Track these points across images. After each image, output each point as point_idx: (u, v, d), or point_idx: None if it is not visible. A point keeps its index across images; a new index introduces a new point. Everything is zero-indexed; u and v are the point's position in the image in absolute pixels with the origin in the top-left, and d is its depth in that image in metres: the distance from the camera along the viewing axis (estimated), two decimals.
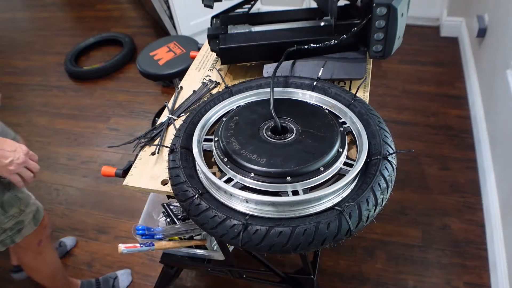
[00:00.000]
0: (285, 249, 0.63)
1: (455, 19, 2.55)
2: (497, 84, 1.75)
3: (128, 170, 0.91)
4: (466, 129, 2.01)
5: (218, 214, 0.66)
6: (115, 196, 1.93)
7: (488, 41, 2.00)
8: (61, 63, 2.89)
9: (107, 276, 1.58)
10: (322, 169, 0.71)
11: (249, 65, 1.17)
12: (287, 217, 0.66)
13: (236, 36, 1.08)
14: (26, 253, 1.23)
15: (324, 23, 1.11)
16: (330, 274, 1.53)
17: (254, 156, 0.72)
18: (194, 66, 1.21)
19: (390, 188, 0.71)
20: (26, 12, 3.82)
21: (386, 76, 2.39)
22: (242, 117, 0.83)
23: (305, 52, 1.01)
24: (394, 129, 2.05)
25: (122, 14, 3.48)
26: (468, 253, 1.54)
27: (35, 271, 1.32)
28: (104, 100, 2.55)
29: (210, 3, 1.06)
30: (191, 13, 2.57)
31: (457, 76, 2.32)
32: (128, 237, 1.76)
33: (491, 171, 1.67)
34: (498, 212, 1.53)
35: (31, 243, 1.20)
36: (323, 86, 0.92)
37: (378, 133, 0.79)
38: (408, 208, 1.71)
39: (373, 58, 1.03)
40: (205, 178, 0.74)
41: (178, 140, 0.82)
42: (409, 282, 1.48)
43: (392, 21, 0.91)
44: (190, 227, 1.07)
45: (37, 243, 1.22)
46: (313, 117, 0.82)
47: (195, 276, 1.59)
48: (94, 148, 2.22)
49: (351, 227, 0.64)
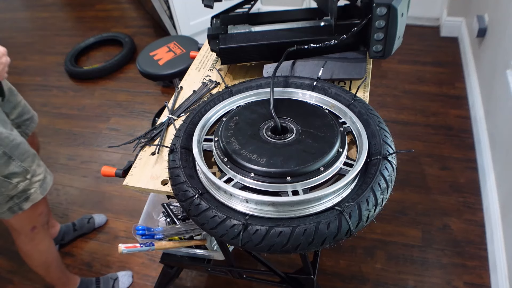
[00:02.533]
0: (285, 249, 0.63)
1: (455, 19, 2.55)
2: (497, 84, 1.75)
3: (128, 170, 0.91)
4: (466, 129, 2.01)
5: (218, 214, 0.66)
6: (115, 196, 1.93)
7: (488, 41, 2.00)
8: (61, 63, 2.89)
9: (107, 276, 1.58)
10: (322, 169, 0.71)
11: (249, 65, 1.17)
12: (287, 217, 0.66)
13: (236, 36, 1.08)
14: (19, 236, 1.25)
15: (324, 23, 1.11)
16: (330, 274, 1.53)
17: (254, 156, 0.72)
18: (194, 66, 1.21)
19: (390, 188, 0.71)
20: (26, 12, 3.82)
21: (386, 76, 2.39)
22: (242, 117, 0.83)
23: (305, 52, 1.01)
24: (394, 129, 2.05)
25: (122, 14, 3.48)
26: (468, 253, 1.54)
27: (27, 256, 1.33)
28: (104, 100, 2.55)
29: (210, 3, 1.06)
30: (191, 13, 2.57)
31: (457, 76, 2.32)
32: (128, 237, 1.76)
33: (491, 171, 1.67)
34: (498, 212, 1.53)
35: (24, 227, 1.23)
36: (323, 86, 0.92)
37: (378, 133, 0.79)
38: (408, 208, 1.71)
39: (373, 58, 1.03)
40: (205, 178, 0.74)
41: (178, 140, 0.82)
42: (409, 282, 1.48)
43: (392, 21, 0.91)
44: (190, 227, 1.07)
45: (31, 229, 1.24)
46: (313, 117, 0.82)
47: (195, 276, 1.59)
48: (94, 148, 2.22)
49: (351, 227, 0.64)
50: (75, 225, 1.76)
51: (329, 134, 0.77)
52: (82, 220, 1.79)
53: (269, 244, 0.63)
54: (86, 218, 1.79)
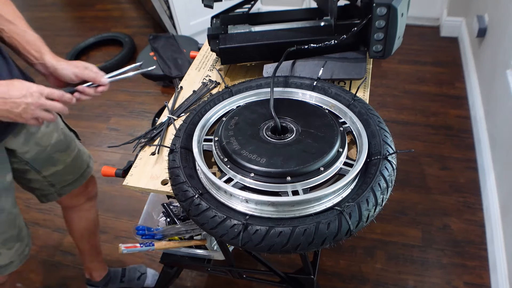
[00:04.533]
0: (285, 249, 0.63)
1: (455, 19, 2.55)
2: (497, 84, 1.75)
3: (128, 170, 0.91)
4: (466, 129, 2.01)
5: (218, 214, 0.66)
6: (115, 196, 1.93)
7: (488, 41, 2.00)
8: None
9: (134, 267, 1.57)
10: (322, 169, 0.71)
11: (249, 65, 1.17)
12: (287, 217, 0.66)
13: (236, 36, 1.08)
14: None
15: (324, 23, 1.11)
16: (330, 274, 1.53)
17: (254, 156, 0.72)
18: (194, 66, 1.21)
19: (390, 188, 0.71)
20: (26, 12, 3.80)
21: (386, 76, 2.39)
22: (242, 117, 0.83)
23: (305, 52, 1.01)
24: (394, 129, 2.05)
25: (122, 14, 3.48)
26: (468, 253, 1.54)
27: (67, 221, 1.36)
28: (104, 100, 2.55)
29: (210, 3, 1.06)
30: (191, 13, 2.57)
31: (457, 76, 2.32)
32: (128, 237, 1.76)
33: (491, 171, 1.67)
34: (498, 212, 1.53)
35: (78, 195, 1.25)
36: (323, 86, 0.92)
37: (378, 133, 0.79)
38: (408, 208, 1.71)
39: (373, 58, 1.03)
40: (205, 178, 0.74)
41: (178, 140, 0.82)
42: (409, 282, 1.48)
43: (392, 21, 0.91)
44: (190, 227, 1.07)
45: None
46: (313, 117, 0.82)
47: (195, 276, 1.59)
48: (94, 148, 2.22)
49: (351, 227, 0.64)
50: (124, 276, 1.57)
51: (329, 134, 0.77)
52: (133, 273, 1.58)
53: (269, 244, 0.63)
54: (138, 271, 1.58)
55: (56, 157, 1.09)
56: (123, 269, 1.57)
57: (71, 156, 1.14)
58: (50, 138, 1.06)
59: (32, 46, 0.89)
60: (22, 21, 0.91)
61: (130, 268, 1.58)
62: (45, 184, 1.12)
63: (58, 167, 1.11)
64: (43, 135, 1.04)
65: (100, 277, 1.50)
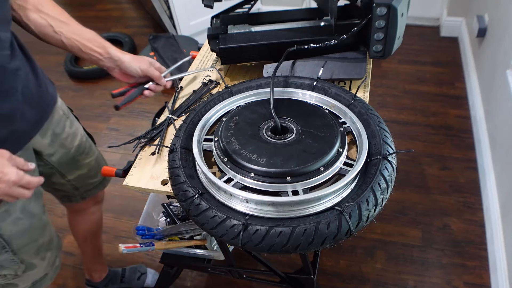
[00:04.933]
0: (285, 249, 0.63)
1: (455, 19, 2.55)
2: (497, 84, 1.75)
3: (128, 170, 0.91)
4: (466, 129, 2.01)
5: (218, 214, 0.66)
6: (115, 196, 1.93)
7: (488, 41, 2.00)
8: (61, 63, 2.88)
9: (135, 267, 1.57)
10: (322, 169, 0.71)
11: (249, 65, 1.17)
12: (287, 217, 0.66)
13: (236, 36, 1.08)
14: None
15: (324, 23, 1.11)
16: (330, 274, 1.53)
17: (254, 156, 0.72)
18: (194, 66, 1.21)
19: (390, 188, 0.71)
20: None
21: (386, 76, 2.39)
22: (242, 117, 0.83)
23: (305, 52, 1.01)
24: (394, 129, 2.05)
25: (122, 14, 3.48)
26: (468, 253, 1.54)
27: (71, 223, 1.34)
28: (104, 100, 2.55)
29: (210, 3, 1.06)
30: (191, 13, 2.57)
31: (457, 76, 2.32)
32: (128, 237, 1.76)
33: (491, 171, 1.67)
34: (498, 212, 1.53)
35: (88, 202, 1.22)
36: (323, 86, 0.92)
37: (378, 133, 0.79)
38: (408, 208, 1.71)
39: (373, 58, 1.03)
40: (205, 178, 0.74)
41: (178, 140, 0.82)
42: (409, 282, 1.48)
43: (392, 21, 0.91)
44: (190, 227, 1.07)
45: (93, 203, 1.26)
46: (313, 117, 0.82)
47: (195, 276, 1.59)
48: None
49: (351, 227, 0.64)
50: (124, 277, 1.55)
51: (329, 134, 0.77)
52: (133, 273, 1.57)
53: (269, 244, 0.63)
54: (139, 271, 1.57)
55: (81, 160, 1.08)
56: (123, 269, 1.57)
57: (94, 158, 1.13)
58: (74, 140, 1.05)
59: (94, 43, 0.89)
60: (73, 20, 0.90)
61: (130, 268, 1.58)
62: (69, 188, 1.12)
63: (83, 171, 1.10)
64: (67, 135, 1.02)
65: (100, 278, 1.50)
